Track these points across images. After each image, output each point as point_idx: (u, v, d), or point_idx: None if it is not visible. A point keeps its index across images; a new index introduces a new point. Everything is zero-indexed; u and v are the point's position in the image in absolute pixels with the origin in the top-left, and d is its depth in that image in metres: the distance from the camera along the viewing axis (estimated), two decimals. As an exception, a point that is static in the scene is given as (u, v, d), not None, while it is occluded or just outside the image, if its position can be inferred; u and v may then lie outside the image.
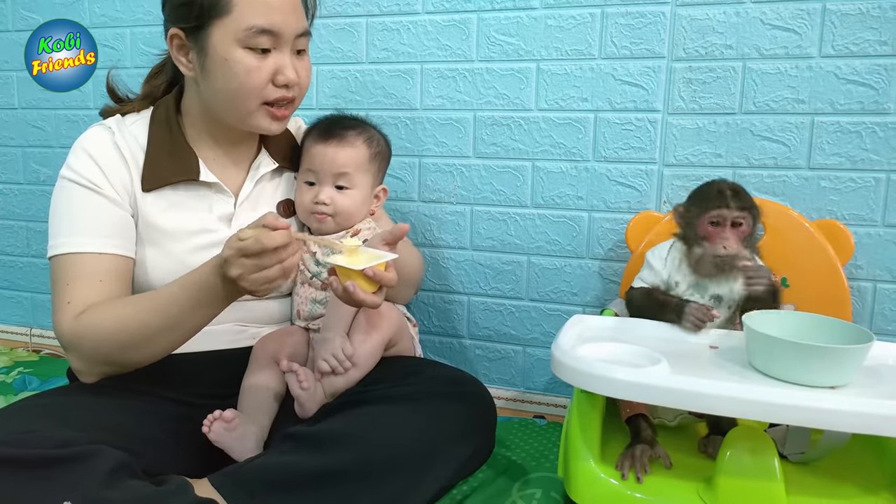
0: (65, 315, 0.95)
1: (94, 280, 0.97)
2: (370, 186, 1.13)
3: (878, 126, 1.19)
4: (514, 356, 1.46)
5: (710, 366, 0.91)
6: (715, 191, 1.02)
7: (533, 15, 1.34)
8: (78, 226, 0.98)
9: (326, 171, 1.08)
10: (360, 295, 0.89)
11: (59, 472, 0.76)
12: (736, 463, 0.85)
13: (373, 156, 1.12)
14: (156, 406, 0.97)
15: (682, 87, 1.28)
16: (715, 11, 1.24)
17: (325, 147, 1.09)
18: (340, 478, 0.86)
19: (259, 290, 0.86)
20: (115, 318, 0.94)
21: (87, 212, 0.99)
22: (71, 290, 0.96)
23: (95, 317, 0.94)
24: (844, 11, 1.18)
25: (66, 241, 0.98)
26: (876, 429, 0.77)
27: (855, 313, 1.23)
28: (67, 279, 0.97)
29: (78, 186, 0.99)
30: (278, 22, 0.97)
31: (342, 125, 1.11)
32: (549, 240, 1.39)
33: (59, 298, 0.97)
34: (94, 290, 0.96)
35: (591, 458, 0.91)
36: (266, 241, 0.82)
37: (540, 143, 1.37)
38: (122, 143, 1.03)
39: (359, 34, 1.46)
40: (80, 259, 0.97)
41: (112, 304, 0.96)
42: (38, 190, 1.76)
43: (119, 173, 1.02)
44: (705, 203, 1.01)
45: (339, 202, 1.08)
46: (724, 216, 1.00)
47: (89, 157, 1.00)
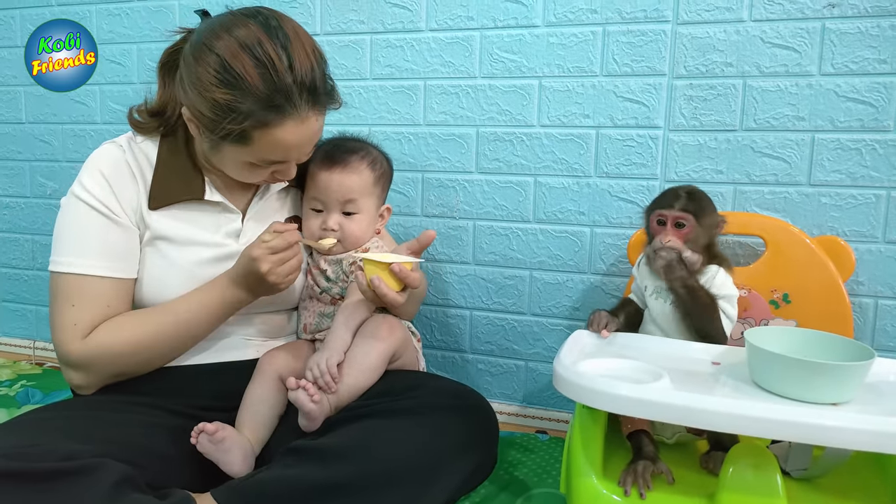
0: (71, 336, 0.97)
1: (102, 303, 0.99)
2: (376, 208, 1.15)
3: (877, 143, 1.20)
4: (517, 371, 1.46)
5: (712, 382, 0.91)
6: (667, 193, 1.07)
7: (535, 32, 1.36)
8: (87, 248, 1.00)
9: (333, 198, 1.10)
10: (383, 289, 0.97)
11: (62, 485, 0.77)
12: (738, 479, 0.85)
13: (377, 179, 1.14)
14: (160, 419, 0.98)
15: (683, 103, 1.29)
16: (715, 30, 1.26)
17: (331, 174, 1.10)
18: (343, 491, 0.86)
19: (283, 281, 0.99)
20: (129, 336, 0.97)
21: (97, 235, 1.01)
22: (77, 312, 0.98)
23: (107, 337, 0.97)
24: (844, 30, 1.19)
25: (74, 261, 0.99)
26: (878, 446, 0.77)
27: (856, 329, 1.23)
28: (73, 300, 0.98)
29: (89, 208, 1.01)
30: (291, 156, 0.99)
31: (345, 149, 1.12)
32: (551, 255, 1.40)
33: (63, 318, 0.98)
34: (102, 313, 0.99)
35: (594, 474, 0.91)
36: (289, 238, 0.97)
37: (542, 158, 1.38)
38: (132, 160, 1.04)
39: (363, 51, 1.47)
40: (88, 281, 0.99)
41: (123, 323, 0.98)
42: (44, 203, 1.77)
43: (128, 192, 1.03)
44: (654, 203, 1.07)
45: (346, 228, 1.10)
46: (665, 216, 1.04)
47: (102, 176, 1.02)
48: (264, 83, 0.90)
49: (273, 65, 0.90)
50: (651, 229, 1.07)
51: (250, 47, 0.90)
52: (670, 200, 1.05)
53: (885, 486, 0.93)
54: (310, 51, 0.94)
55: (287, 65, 0.91)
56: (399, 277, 0.97)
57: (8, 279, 1.84)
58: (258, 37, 0.90)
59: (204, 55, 0.92)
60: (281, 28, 0.93)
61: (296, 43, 0.92)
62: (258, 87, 0.90)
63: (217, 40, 0.91)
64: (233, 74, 0.90)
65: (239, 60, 0.89)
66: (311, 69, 0.93)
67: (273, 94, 0.90)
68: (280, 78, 0.90)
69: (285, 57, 0.91)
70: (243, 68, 0.89)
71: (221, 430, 0.95)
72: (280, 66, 0.90)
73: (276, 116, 0.91)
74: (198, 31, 0.96)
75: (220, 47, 0.90)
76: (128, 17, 1.64)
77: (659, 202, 1.07)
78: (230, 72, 0.90)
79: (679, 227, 1.03)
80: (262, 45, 0.90)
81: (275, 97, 0.90)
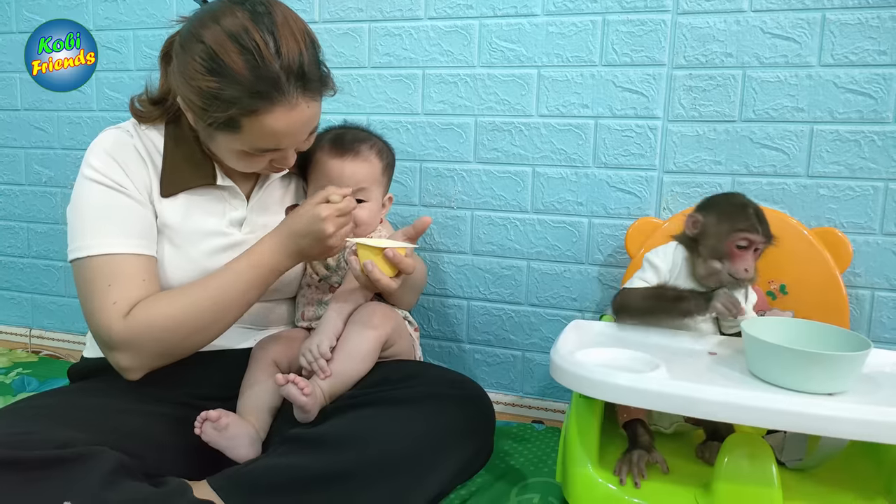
0: (111, 316, 0.94)
1: (138, 280, 0.97)
2: (382, 196, 1.17)
3: (876, 135, 1.20)
4: (514, 361, 1.46)
5: (708, 372, 0.92)
6: (750, 213, 1.00)
7: (534, 21, 1.35)
8: (110, 227, 0.98)
9: (345, 186, 1.10)
10: (377, 274, 0.97)
11: (58, 473, 0.76)
12: (734, 469, 0.86)
13: (384, 168, 1.16)
14: (156, 407, 0.97)
15: (682, 94, 1.28)
16: (715, 20, 1.25)
17: (343, 162, 1.11)
18: (340, 480, 0.86)
19: (339, 244, 1.01)
20: (174, 311, 0.95)
21: (116, 213, 0.99)
22: (114, 290, 0.95)
23: (149, 314, 0.94)
24: (844, 21, 1.19)
25: (99, 242, 0.97)
26: (873, 436, 0.78)
27: (853, 321, 1.23)
28: (109, 280, 0.95)
29: (103, 187, 0.99)
30: (284, 143, 0.97)
31: (354, 138, 1.13)
32: (549, 245, 1.40)
33: (100, 300, 0.95)
34: (140, 290, 0.96)
35: (590, 463, 0.92)
36: (350, 202, 1.00)
37: (540, 148, 1.37)
38: (139, 145, 1.03)
39: (361, 39, 1.46)
40: (118, 260, 0.97)
41: (165, 299, 0.96)
42: (39, 191, 1.76)
43: (140, 173, 1.02)
44: (738, 224, 0.99)
45: (357, 215, 1.10)
46: (753, 241, 0.99)
47: (111, 157, 1.00)
48: (250, 71, 0.89)
49: (259, 52, 0.89)
50: (726, 247, 0.99)
51: (236, 36, 0.89)
52: (756, 223, 0.98)
53: (880, 477, 0.93)
54: (299, 36, 0.93)
55: (274, 51, 0.90)
56: (393, 263, 0.97)
57: (3, 267, 1.83)
58: (245, 24, 0.90)
59: (191, 44, 0.91)
60: (269, 14, 0.92)
61: (284, 29, 0.91)
62: (244, 75, 0.89)
63: (204, 29, 0.91)
64: (218, 63, 0.89)
65: (224, 49, 0.89)
66: (299, 54, 0.92)
67: (259, 81, 0.89)
68: (266, 65, 0.89)
69: (272, 43, 0.90)
70: (229, 57, 0.89)
71: (224, 416, 0.95)
72: (266, 53, 0.89)
73: (264, 104, 0.90)
74: (190, 19, 0.96)
75: (207, 36, 0.90)
76: (124, 3, 1.62)
77: (744, 223, 0.99)
78: (215, 60, 0.89)
79: (756, 252, 1.00)
80: (249, 33, 0.89)
81: (261, 84, 0.89)
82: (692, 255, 1.05)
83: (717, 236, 1.00)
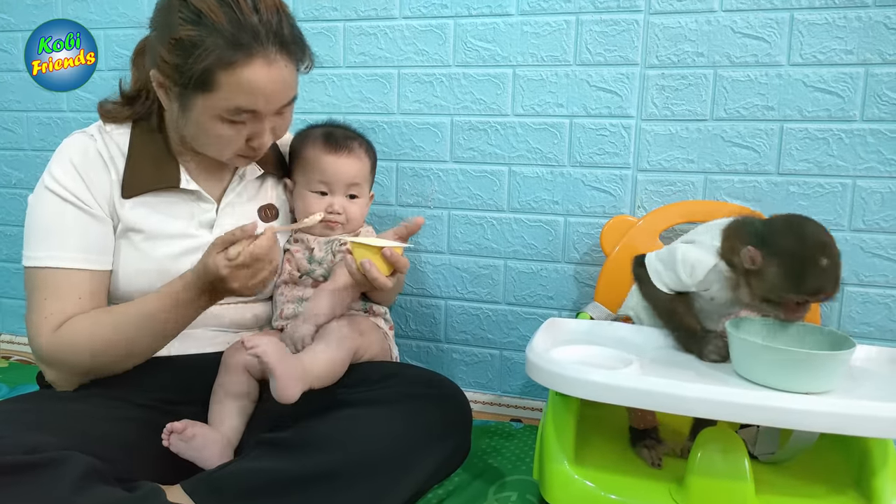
0: (42, 329, 0.95)
1: (74, 296, 0.97)
2: (369, 193, 1.20)
3: (844, 133, 1.22)
4: (491, 360, 1.46)
5: (682, 368, 0.92)
6: (823, 272, 0.86)
7: (509, 21, 1.35)
8: (60, 241, 0.98)
9: (340, 181, 1.13)
10: (374, 272, 0.96)
11: (28, 478, 0.75)
12: (707, 463, 0.87)
13: (372, 166, 1.20)
14: (127, 412, 0.96)
15: (655, 93, 1.30)
16: (687, 20, 1.26)
17: (338, 159, 1.13)
18: (315, 482, 0.86)
19: (254, 292, 0.94)
20: (99, 330, 0.95)
21: (69, 227, 0.98)
22: (50, 304, 0.96)
23: (74, 332, 0.95)
24: (812, 21, 1.21)
25: (47, 254, 0.97)
26: (845, 429, 0.79)
27: (823, 316, 1.25)
28: (46, 294, 0.96)
29: (60, 200, 0.99)
30: (261, 104, 0.96)
31: (346, 135, 1.16)
32: (526, 244, 1.40)
33: (37, 312, 0.96)
34: (75, 307, 0.97)
35: (566, 461, 0.92)
36: (256, 252, 0.89)
37: (516, 147, 1.38)
38: (103, 149, 1.02)
39: (336, 38, 1.46)
40: (59, 274, 0.97)
41: (90, 319, 0.96)
42: (8, 193, 1.73)
43: (101, 183, 1.01)
44: (807, 286, 0.86)
45: (350, 210, 1.14)
46: (819, 300, 0.88)
47: (73, 167, 1.00)
48: (229, 21, 0.90)
49: (238, 5, 0.91)
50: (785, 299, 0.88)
51: None
52: (827, 285, 0.86)
53: (849, 469, 0.95)
54: (277, 2, 0.95)
55: (252, 7, 0.92)
56: (390, 261, 0.97)
57: (-28, 271, 1.80)
58: None
59: (170, 2, 0.93)
60: None
61: None
62: (223, 24, 0.90)
63: None
64: (196, 12, 0.90)
65: (204, 1, 0.90)
66: (276, 13, 0.94)
67: (238, 31, 0.90)
68: (245, 17, 0.91)
69: (250, 0, 0.92)
70: (208, 7, 0.90)
71: (190, 426, 0.93)
72: (245, 8, 0.91)
73: (242, 56, 0.91)
74: None
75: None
76: (95, 3, 1.60)
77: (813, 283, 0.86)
78: (195, 11, 0.90)
79: None
80: None
81: (240, 35, 0.90)
82: (736, 273, 0.92)
83: (776, 289, 0.87)
